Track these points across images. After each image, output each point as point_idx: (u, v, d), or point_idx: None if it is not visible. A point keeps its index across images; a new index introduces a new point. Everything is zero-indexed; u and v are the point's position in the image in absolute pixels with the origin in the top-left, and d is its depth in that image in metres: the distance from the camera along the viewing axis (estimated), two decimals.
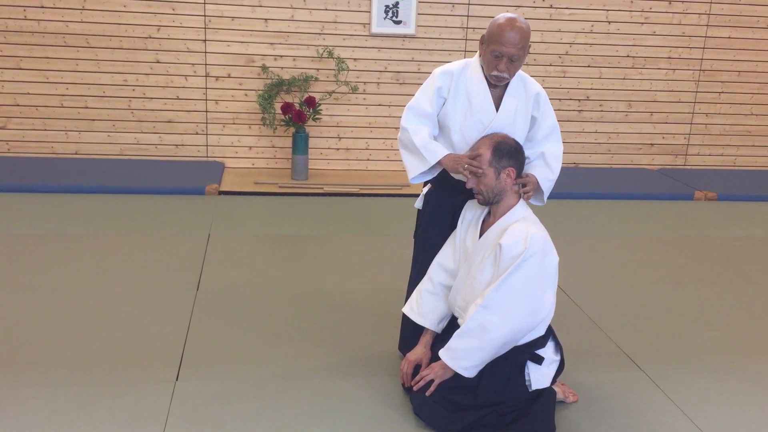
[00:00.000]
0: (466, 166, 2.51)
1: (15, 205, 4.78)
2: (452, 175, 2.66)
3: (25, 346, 2.95)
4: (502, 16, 2.53)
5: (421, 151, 2.59)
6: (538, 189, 2.66)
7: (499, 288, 2.41)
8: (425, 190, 2.85)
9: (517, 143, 2.57)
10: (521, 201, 2.58)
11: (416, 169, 2.63)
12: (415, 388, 2.55)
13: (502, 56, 2.49)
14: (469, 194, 2.65)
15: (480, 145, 2.54)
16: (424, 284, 2.73)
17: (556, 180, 2.71)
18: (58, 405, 2.53)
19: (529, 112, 2.65)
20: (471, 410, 2.45)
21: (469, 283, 2.54)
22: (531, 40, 2.59)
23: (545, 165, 2.67)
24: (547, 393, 2.54)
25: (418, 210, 2.90)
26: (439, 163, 2.59)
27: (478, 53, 2.64)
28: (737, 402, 2.77)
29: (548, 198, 2.71)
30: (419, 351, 2.67)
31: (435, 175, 2.68)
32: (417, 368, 2.64)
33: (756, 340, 3.32)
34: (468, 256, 2.59)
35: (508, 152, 2.51)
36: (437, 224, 2.78)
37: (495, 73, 2.53)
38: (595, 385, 2.84)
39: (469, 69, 2.62)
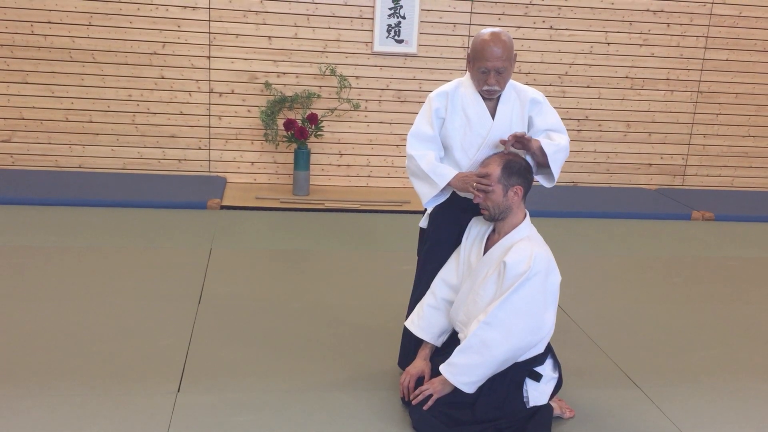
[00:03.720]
0: (474, 185, 2.55)
1: (19, 217, 4.82)
2: (459, 193, 2.70)
3: (28, 356, 2.97)
4: (483, 32, 2.59)
5: (429, 175, 2.63)
6: (545, 164, 2.60)
7: (501, 305, 2.45)
8: (430, 209, 2.87)
9: (527, 162, 2.61)
10: (526, 219, 2.60)
11: (428, 194, 2.67)
12: (413, 402, 2.57)
13: (489, 71, 2.55)
14: (475, 211, 2.68)
15: (490, 162, 2.57)
16: (426, 298, 2.76)
17: (564, 160, 2.63)
18: (60, 416, 2.55)
19: (525, 118, 2.69)
20: (469, 425, 2.47)
21: (471, 298, 2.57)
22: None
23: (546, 137, 2.63)
24: (544, 409, 2.56)
25: (422, 228, 2.93)
26: (448, 184, 2.63)
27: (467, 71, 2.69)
28: (733, 420, 2.80)
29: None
30: (419, 364, 2.70)
31: (448, 197, 2.71)
32: (418, 382, 2.66)
33: (752, 359, 3.35)
34: (471, 271, 2.63)
35: (517, 170, 2.55)
36: (443, 242, 2.80)
37: (486, 87, 2.59)
38: (592, 401, 2.86)
39: (462, 87, 2.68)
